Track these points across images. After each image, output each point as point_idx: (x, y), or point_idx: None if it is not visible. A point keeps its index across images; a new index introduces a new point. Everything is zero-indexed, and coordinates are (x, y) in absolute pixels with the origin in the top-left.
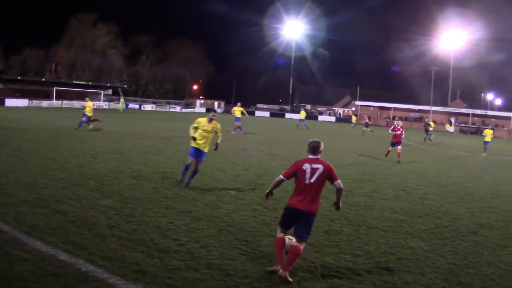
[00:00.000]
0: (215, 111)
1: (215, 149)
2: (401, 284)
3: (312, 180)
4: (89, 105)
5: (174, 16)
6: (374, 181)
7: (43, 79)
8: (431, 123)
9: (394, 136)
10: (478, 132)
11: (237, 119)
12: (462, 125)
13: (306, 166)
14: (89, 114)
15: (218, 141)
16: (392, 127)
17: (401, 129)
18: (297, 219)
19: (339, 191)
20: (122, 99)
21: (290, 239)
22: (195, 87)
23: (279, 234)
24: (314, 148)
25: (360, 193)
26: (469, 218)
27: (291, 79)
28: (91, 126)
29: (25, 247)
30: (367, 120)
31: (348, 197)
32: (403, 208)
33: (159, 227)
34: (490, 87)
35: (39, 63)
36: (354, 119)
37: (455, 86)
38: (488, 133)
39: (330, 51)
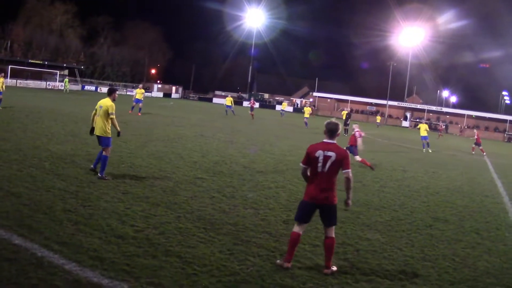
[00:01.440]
0: (115, 90)
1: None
2: (359, 275)
3: (325, 169)
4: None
5: None
6: None
7: None
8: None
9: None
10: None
11: (139, 100)
12: (417, 120)
13: (319, 153)
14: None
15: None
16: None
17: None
18: (313, 212)
19: (347, 181)
20: (66, 79)
21: None
22: (153, 71)
23: (296, 230)
24: (331, 131)
25: None
26: (424, 211)
27: (250, 68)
28: None
29: None
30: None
31: None
32: (360, 200)
33: (116, 212)
34: (445, 84)
35: None
36: (378, 118)
37: (412, 82)
38: (422, 127)
39: (290, 41)
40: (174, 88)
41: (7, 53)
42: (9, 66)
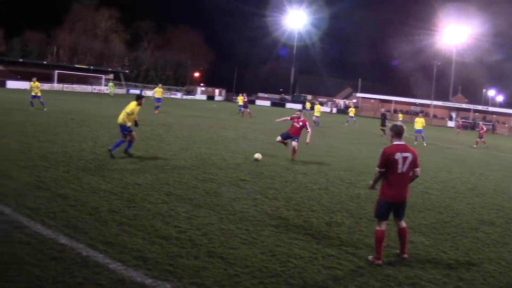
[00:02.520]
0: (144, 97)
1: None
2: (402, 278)
3: (405, 169)
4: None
5: (176, 2)
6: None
7: (45, 62)
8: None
9: (293, 127)
10: (475, 127)
11: (158, 99)
12: (463, 120)
13: (398, 156)
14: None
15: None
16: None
17: (302, 123)
18: (396, 209)
19: (416, 177)
20: (111, 83)
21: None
22: (196, 74)
23: (383, 227)
24: (399, 133)
25: (362, 186)
26: (470, 214)
27: (293, 69)
28: None
29: (26, 230)
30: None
31: (350, 189)
32: (410, 204)
33: (160, 213)
34: (492, 83)
35: (41, 45)
36: (400, 116)
37: (456, 81)
38: (418, 121)
39: (332, 42)
40: (217, 90)
41: (54, 58)
42: (56, 71)
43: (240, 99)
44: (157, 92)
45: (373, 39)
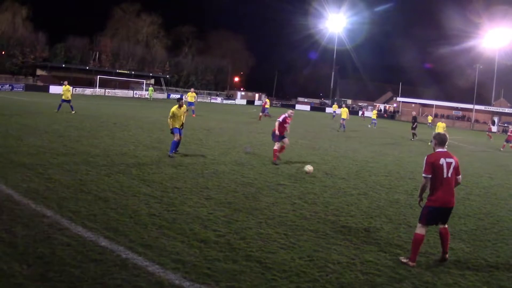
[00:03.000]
0: (182, 99)
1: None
2: (441, 285)
3: (450, 174)
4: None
5: (216, 8)
6: (415, 179)
7: (87, 67)
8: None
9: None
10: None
11: (191, 103)
12: (505, 125)
13: (442, 161)
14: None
15: (184, 120)
16: (284, 116)
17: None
18: (442, 215)
19: (458, 184)
20: (151, 88)
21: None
22: (236, 79)
23: (422, 232)
24: (443, 141)
25: (401, 191)
26: (511, 221)
27: (333, 73)
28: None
29: (67, 232)
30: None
31: (389, 194)
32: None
33: (199, 217)
34: None
35: (83, 51)
36: (430, 118)
37: (499, 85)
38: (440, 126)
39: (373, 46)
40: (257, 95)
41: (96, 63)
42: (98, 76)
43: (191, 96)
44: (189, 96)
45: (415, 42)
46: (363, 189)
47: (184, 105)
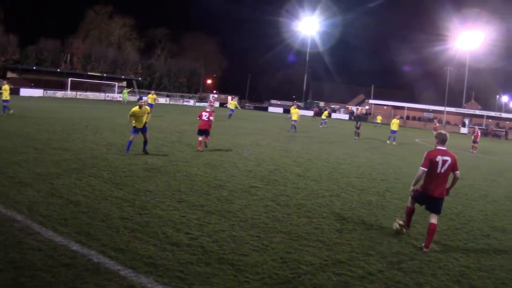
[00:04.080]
0: (142, 99)
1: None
2: (413, 285)
3: (443, 170)
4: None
5: (189, 10)
6: (387, 180)
7: (58, 70)
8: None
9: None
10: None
11: (150, 105)
12: (475, 126)
13: (439, 158)
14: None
15: (147, 120)
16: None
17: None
18: (430, 202)
19: (456, 179)
20: (125, 90)
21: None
22: (209, 81)
23: (410, 205)
24: (444, 140)
25: (373, 192)
26: (482, 221)
27: (305, 76)
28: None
29: (38, 237)
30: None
31: (361, 196)
32: (416, 208)
33: (171, 220)
34: (505, 89)
35: (55, 53)
36: (379, 118)
37: (470, 88)
38: (394, 122)
39: (345, 49)
40: (229, 97)
41: (67, 66)
42: (69, 79)
43: (233, 104)
44: (150, 98)
45: (387, 45)
46: (335, 191)
47: (144, 106)
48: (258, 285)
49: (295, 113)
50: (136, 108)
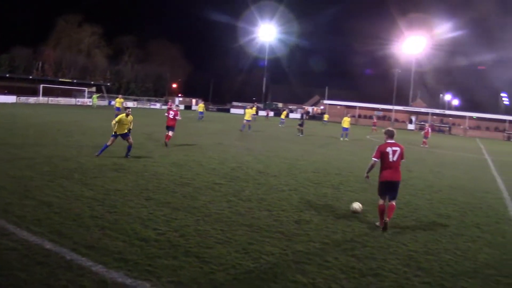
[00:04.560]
0: (129, 108)
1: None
2: (366, 270)
3: (395, 158)
4: None
5: (155, 18)
6: (341, 174)
7: (31, 77)
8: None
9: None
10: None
11: (118, 109)
12: (422, 123)
13: (389, 149)
14: None
15: (131, 127)
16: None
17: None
18: (390, 187)
19: (402, 164)
20: (95, 95)
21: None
22: (174, 85)
23: (381, 203)
24: (391, 135)
25: (328, 186)
26: (428, 209)
27: (264, 79)
28: None
29: (13, 237)
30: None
31: (317, 189)
32: (368, 199)
33: (140, 217)
34: (448, 88)
35: (27, 61)
36: (326, 117)
37: (416, 88)
38: (346, 120)
39: (301, 53)
40: (194, 100)
41: (39, 73)
42: (41, 85)
43: (201, 107)
44: (117, 102)
45: (340, 50)
46: (293, 185)
47: (130, 115)
48: (222, 275)
49: (248, 113)
50: (123, 116)
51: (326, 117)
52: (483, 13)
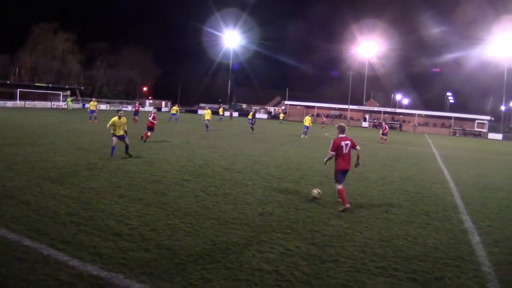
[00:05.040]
0: (121, 111)
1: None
2: (326, 256)
3: (346, 150)
4: None
5: (126, 26)
6: (301, 169)
7: (8, 82)
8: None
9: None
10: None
11: (92, 111)
12: (375, 121)
13: (343, 143)
14: None
15: (126, 128)
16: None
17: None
18: (345, 174)
19: (359, 152)
20: (69, 99)
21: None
22: (144, 88)
23: (341, 187)
24: (343, 130)
25: (289, 180)
26: (381, 199)
27: (229, 82)
28: None
29: None
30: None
31: (279, 184)
32: (326, 192)
33: (113, 213)
34: (398, 89)
35: (4, 67)
36: (282, 116)
37: (369, 88)
38: (307, 119)
39: (263, 57)
40: (163, 102)
41: (16, 78)
42: (18, 90)
43: (174, 109)
44: (91, 105)
45: (299, 54)
46: (257, 180)
47: (123, 117)
48: (192, 266)
49: (208, 113)
50: (115, 118)
51: (281, 116)
52: (432, 19)
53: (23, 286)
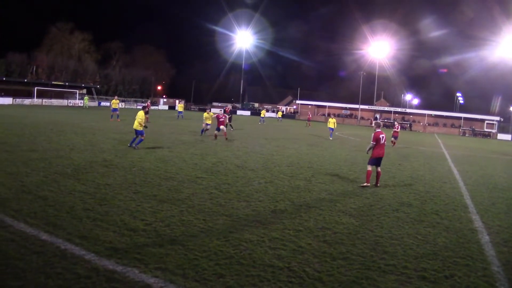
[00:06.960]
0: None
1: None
2: (336, 254)
3: (383, 141)
4: None
5: (140, 26)
6: (312, 168)
7: (25, 80)
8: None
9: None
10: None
11: (115, 109)
12: (386, 120)
13: (380, 136)
14: None
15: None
16: (217, 114)
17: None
18: (379, 160)
19: (394, 140)
20: (86, 97)
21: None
22: (159, 87)
23: (370, 168)
24: (379, 125)
25: (300, 178)
26: (392, 198)
27: (242, 81)
28: None
29: (11, 229)
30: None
31: (291, 181)
32: (337, 190)
33: (129, 209)
34: (408, 89)
35: (22, 66)
36: (280, 114)
37: (380, 88)
38: (331, 121)
39: (275, 57)
40: (177, 101)
41: (33, 76)
42: (35, 88)
43: (180, 106)
44: (113, 103)
45: (311, 54)
46: (269, 178)
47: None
48: (205, 261)
49: (208, 117)
50: (142, 113)
51: (279, 114)
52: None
53: (40, 278)
